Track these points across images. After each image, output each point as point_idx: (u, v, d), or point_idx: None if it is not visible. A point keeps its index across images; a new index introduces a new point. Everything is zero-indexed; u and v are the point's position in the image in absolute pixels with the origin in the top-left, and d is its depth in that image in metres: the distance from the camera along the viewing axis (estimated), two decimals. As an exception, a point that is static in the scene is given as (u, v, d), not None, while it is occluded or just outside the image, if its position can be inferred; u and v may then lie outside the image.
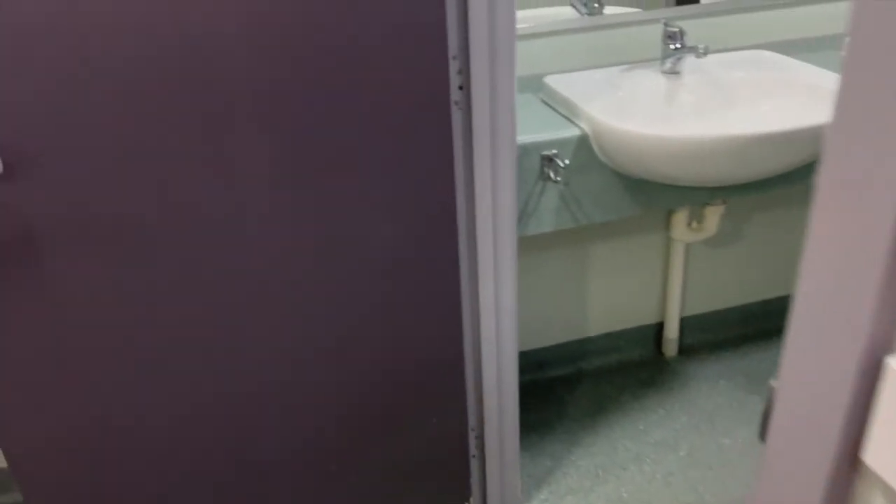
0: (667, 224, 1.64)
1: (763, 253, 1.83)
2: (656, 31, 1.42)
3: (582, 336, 1.79)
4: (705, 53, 1.24)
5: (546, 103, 1.31)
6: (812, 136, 1.10)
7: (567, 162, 1.15)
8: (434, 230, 1.09)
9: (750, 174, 1.14)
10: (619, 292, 1.76)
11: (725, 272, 1.82)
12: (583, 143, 1.18)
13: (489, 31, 1.00)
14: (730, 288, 1.85)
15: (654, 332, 1.85)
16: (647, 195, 1.25)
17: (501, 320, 1.20)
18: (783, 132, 1.07)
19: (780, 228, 1.81)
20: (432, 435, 1.26)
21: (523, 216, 1.21)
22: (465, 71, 1.01)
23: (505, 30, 1.01)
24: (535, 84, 1.38)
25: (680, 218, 1.53)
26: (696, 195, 1.28)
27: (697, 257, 1.78)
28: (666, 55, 1.33)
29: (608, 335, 1.81)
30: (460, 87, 1.02)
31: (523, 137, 1.16)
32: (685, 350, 1.86)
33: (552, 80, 1.31)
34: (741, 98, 1.31)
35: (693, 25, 1.43)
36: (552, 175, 1.17)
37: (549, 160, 1.17)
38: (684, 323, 1.84)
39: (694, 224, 1.56)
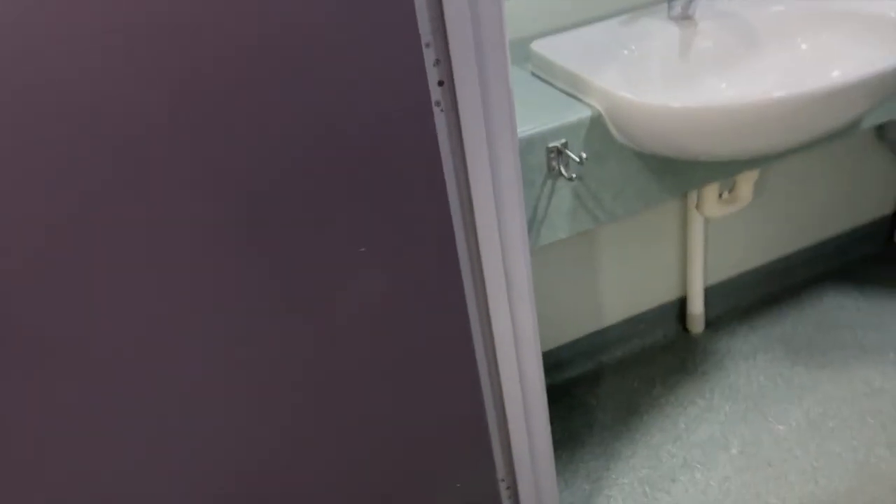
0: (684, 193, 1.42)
1: (782, 204, 1.62)
2: (653, -32, 1.17)
3: (599, 327, 1.58)
4: (726, -9, 1.00)
5: (538, 77, 1.07)
6: (880, 83, 0.87)
7: (584, 155, 0.91)
8: (430, 267, 0.85)
9: (804, 137, 0.92)
10: (635, 271, 1.55)
11: (745, 231, 1.62)
12: (596, 124, 0.95)
13: (469, 1, 0.75)
14: (752, 247, 1.65)
15: (677, 309, 1.65)
16: (677, 177, 1.02)
17: (522, 353, 0.98)
18: (846, 85, 0.84)
19: (797, 176, 1.60)
20: (457, 500, 1.04)
21: (532, 224, 0.97)
22: (445, 60, 0.76)
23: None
24: (519, 52, 1.13)
25: (710, 192, 1.31)
26: (733, 167, 1.06)
27: (715, 220, 1.56)
28: (672, -4, 1.09)
29: (627, 321, 1.60)
30: (440, 83, 0.77)
31: (523, 128, 0.92)
32: (712, 323, 1.67)
33: (542, 47, 1.07)
34: (774, 41, 1.08)
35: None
36: (563, 171, 0.93)
37: (558, 153, 0.93)
38: (707, 293, 1.64)
39: (725, 195, 1.34)
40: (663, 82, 1.05)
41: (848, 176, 1.66)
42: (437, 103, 0.78)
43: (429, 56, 0.75)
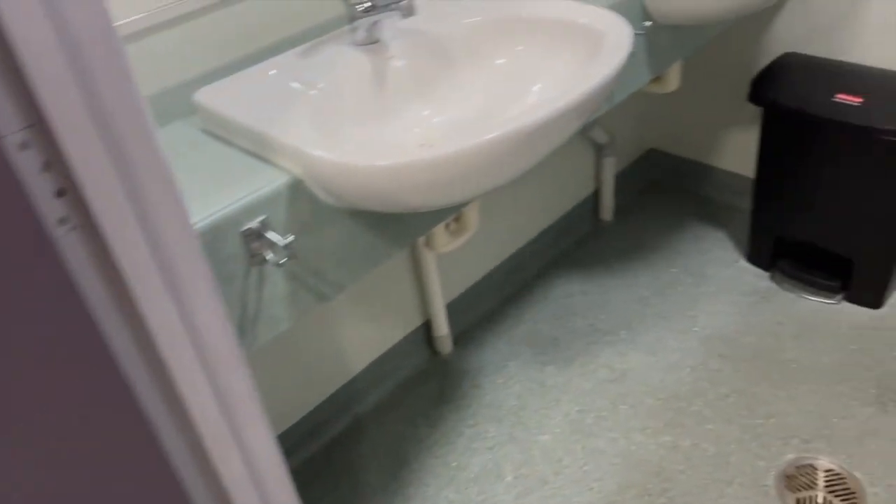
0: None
1: (503, 208, 1.60)
2: (325, -16, 1.01)
3: (349, 377, 1.43)
4: (411, 10, 0.88)
5: (212, 134, 0.85)
6: (598, 96, 0.81)
7: (291, 238, 0.73)
8: (106, 442, 0.61)
9: (531, 162, 0.84)
10: (373, 310, 1.41)
11: (474, 241, 1.57)
12: (297, 190, 0.77)
13: (72, 57, 0.51)
14: (482, 254, 1.62)
15: (423, 335, 1.55)
16: (402, 227, 0.89)
17: (269, 494, 0.78)
18: (567, 109, 0.77)
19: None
20: None
21: (244, 327, 0.77)
22: (60, 160, 0.52)
23: (102, 43, 0.53)
24: (180, 104, 0.90)
25: (438, 229, 1.20)
26: (460, 204, 0.95)
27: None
28: (354, 17, 0.94)
29: (376, 362, 1.47)
30: (60, 193, 0.53)
31: (204, 213, 0.71)
32: (460, 339, 1.60)
33: (209, 97, 0.85)
34: (469, 58, 0.99)
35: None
36: (268, 256, 0.74)
37: (258, 236, 0.73)
38: (449, 310, 1.57)
39: (452, 226, 1.25)
40: (363, 121, 0.90)
41: (555, 166, 1.69)
42: (64, 220, 0.54)
43: (30, 160, 0.51)
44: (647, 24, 1.06)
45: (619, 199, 1.92)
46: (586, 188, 1.83)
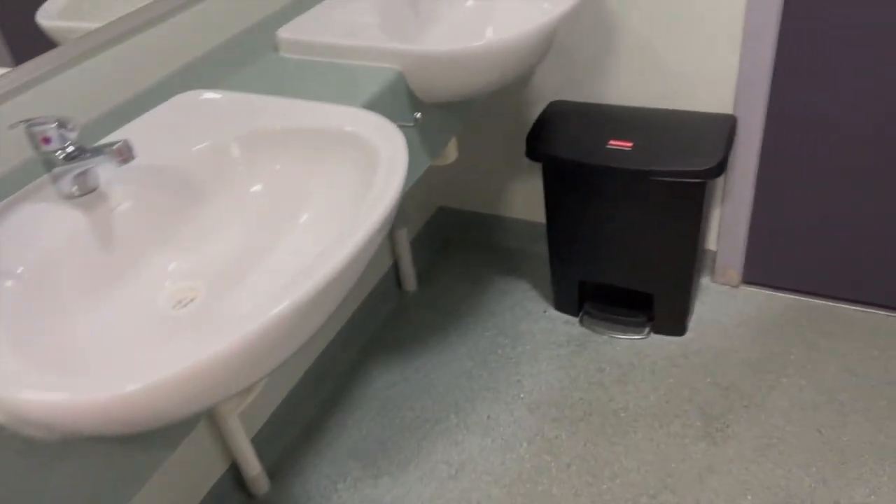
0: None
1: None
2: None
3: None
4: (128, 154, 0.69)
5: None
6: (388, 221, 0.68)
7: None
8: None
9: (332, 309, 0.68)
10: (162, 471, 1.17)
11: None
12: (-4, 444, 0.55)
13: None
14: (281, 369, 1.42)
15: (233, 481, 1.32)
16: (169, 429, 0.69)
17: None
18: (351, 259, 0.63)
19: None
20: None
21: None
22: None
23: None
24: None
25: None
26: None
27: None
28: (53, 165, 0.73)
29: (179, 533, 1.22)
30: None
31: None
32: (277, 472, 1.39)
33: None
34: (223, 187, 0.81)
35: (52, 91, 0.84)
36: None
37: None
38: (256, 443, 1.36)
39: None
40: (93, 300, 0.69)
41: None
42: None
43: None
44: (418, 115, 0.96)
45: (419, 266, 1.83)
46: (384, 264, 1.71)
